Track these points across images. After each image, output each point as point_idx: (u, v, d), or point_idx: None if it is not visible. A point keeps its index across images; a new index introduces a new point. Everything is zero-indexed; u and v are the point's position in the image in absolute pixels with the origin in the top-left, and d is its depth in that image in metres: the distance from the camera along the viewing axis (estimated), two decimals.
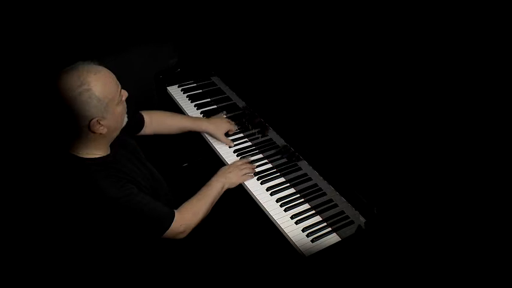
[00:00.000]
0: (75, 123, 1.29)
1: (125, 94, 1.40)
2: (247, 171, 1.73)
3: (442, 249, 1.35)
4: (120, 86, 1.37)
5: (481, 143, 1.32)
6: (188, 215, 1.52)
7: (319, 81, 1.76)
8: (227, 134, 1.95)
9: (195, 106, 2.13)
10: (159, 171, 1.66)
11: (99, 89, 1.28)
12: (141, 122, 1.76)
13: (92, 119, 1.29)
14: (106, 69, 1.34)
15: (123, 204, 1.35)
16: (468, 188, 1.34)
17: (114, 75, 1.36)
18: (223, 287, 1.61)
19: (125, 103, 1.41)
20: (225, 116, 2.02)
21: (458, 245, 1.33)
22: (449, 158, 1.39)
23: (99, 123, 1.31)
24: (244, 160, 1.80)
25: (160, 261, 1.60)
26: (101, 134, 1.34)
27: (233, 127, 1.96)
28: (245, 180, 1.72)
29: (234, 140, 1.93)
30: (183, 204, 1.55)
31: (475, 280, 1.29)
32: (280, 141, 1.74)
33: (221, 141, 1.91)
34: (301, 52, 1.87)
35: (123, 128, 1.46)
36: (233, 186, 1.69)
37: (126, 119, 1.44)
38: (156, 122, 1.81)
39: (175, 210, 1.49)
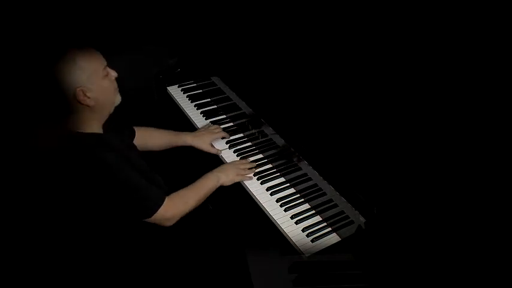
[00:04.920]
0: (63, 94, 1.36)
1: (112, 72, 1.47)
2: (246, 172, 1.74)
3: (442, 249, 1.34)
4: (106, 64, 1.44)
5: (480, 142, 1.32)
6: (178, 203, 1.53)
7: (319, 80, 1.76)
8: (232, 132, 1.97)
9: (195, 106, 2.13)
10: (158, 170, 1.66)
11: (82, 58, 1.37)
12: (132, 135, 1.77)
13: (77, 87, 1.35)
14: (95, 50, 1.43)
15: (115, 175, 1.38)
16: (468, 188, 1.34)
17: (101, 56, 1.44)
18: (223, 287, 1.61)
19: (115, 82, 1.48)
20: (209, 126, 1.99)
21: (458, 245, 1.33)
22: (449, 157, 1.39)
23: (85, 94, 1.37)
24: (244, 160, 1.81)
25: (157, 260, 1.60)
26: (88, 106, 1.39)
27: (219, 135, 1.93)
28: (242, 179, 1.72)
29: (234, 140, 1.94)
30: (176, 192, 1.56)
31: (474, 280, 1.29)
32: (280, 141, 1.74)
33: (210, 152, 1.89)
34: (301, 52, 1.87)
35: (120, 125, 1.51)
36: (228, 184, 1.69)
37: (119, 98, 1.50)
38: (140, 138, 1.79)
39: (166, 196, 1.50)
